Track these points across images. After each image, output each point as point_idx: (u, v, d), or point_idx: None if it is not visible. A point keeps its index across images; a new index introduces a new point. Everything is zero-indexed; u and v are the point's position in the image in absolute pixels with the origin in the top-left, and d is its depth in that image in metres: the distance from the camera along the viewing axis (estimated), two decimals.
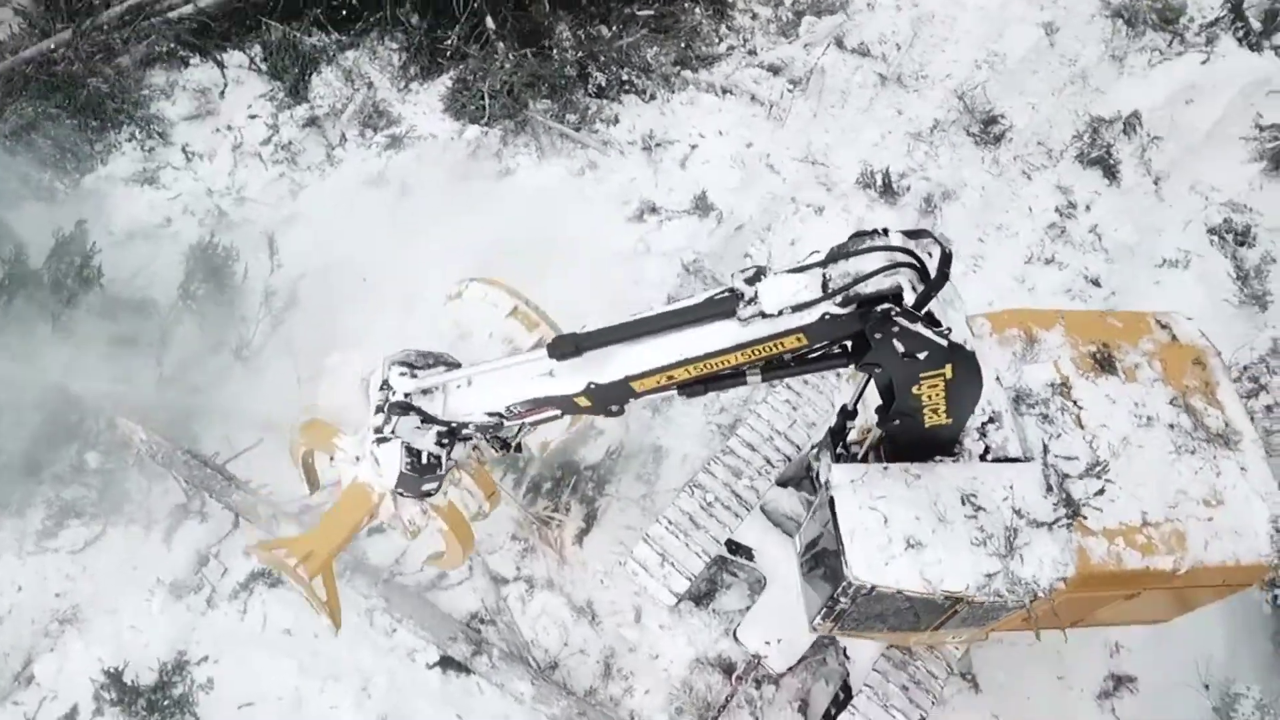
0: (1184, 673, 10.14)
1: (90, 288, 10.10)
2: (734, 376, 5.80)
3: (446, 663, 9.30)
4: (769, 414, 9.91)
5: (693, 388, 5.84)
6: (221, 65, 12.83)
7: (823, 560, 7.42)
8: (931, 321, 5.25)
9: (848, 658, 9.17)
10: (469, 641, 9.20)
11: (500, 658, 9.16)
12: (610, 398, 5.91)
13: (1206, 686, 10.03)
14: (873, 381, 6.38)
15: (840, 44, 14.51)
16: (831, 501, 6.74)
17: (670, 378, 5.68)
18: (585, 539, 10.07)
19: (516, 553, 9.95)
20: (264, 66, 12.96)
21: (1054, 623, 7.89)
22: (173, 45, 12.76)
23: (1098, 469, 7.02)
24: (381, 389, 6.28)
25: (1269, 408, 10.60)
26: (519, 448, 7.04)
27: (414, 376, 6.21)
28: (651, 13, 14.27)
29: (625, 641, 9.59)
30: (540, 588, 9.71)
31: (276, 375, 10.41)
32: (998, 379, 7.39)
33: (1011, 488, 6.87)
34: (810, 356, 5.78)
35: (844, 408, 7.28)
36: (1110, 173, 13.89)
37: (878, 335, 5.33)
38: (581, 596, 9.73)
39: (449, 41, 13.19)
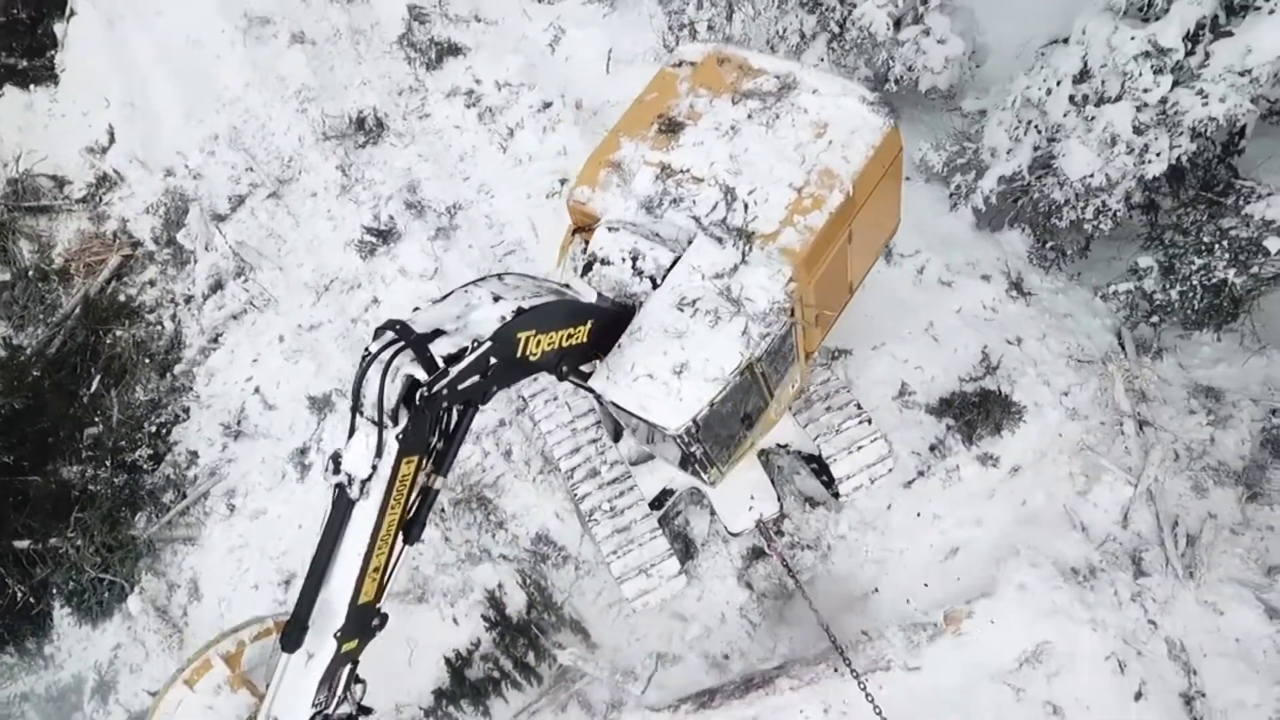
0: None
1: None
2: (424, 502, 6.46)
3: None
4: (550, 422, 10.29)
5: (410, 537, 6.46)
6: None
7: (658, 443, 8.06)
8: (455, 359, 5.98)
9: (785, 447, 9.99)
10: None
11: None
12: (360, 627, 6.46)
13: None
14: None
15: (220, 218, 14.39)
16: (613, 403, 7.27)
17: (376, 570, 6.28)
18: (589, 641, 10.11)
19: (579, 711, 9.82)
20: None
21: (840, 302, 8.91)
22: None
23: (727, 196, 7.82)
24: None
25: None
26: (366, 709, 7.40)
27: None
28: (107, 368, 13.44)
29: (700, 637, 9.90)
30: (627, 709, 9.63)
31: None
32: (608, 228, 7.99)
33: (697, 266, 7.56)
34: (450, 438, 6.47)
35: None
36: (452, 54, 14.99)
37: (444, 405, 6.08)
38: (645, 661, 9.82)
39: (22, 596, 11.81)
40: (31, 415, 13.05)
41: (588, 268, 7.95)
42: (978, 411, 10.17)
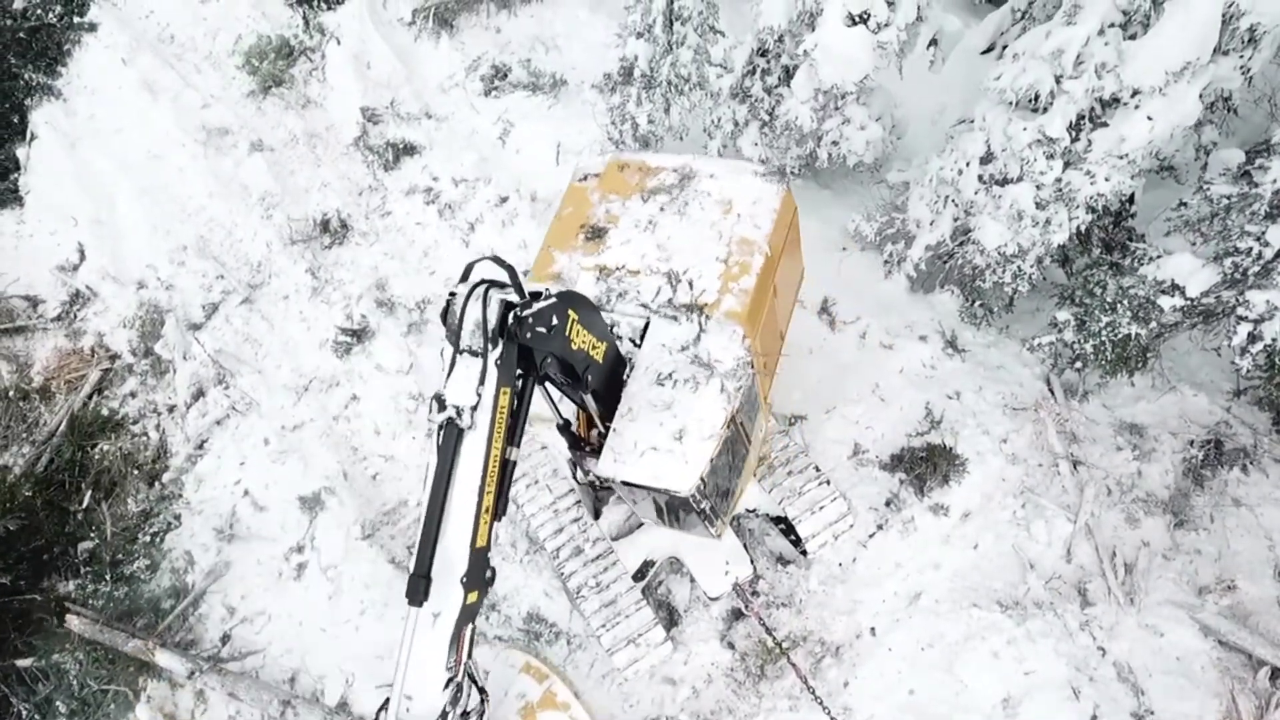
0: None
1: None
2: (504, 474, 6.86)
3: None
4: (533, 505, 10.99)
5: (497, 513, 6.86)
6: None
7: (671, 510, 8.87)
8: (536, 296, 6.69)
9: (755, 511, 10.76)
10: None
11: None
12: (478, 573, 6.76)
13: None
14: (554, 390, 8.10)
15: (196, 326, 14.96)
16: (625, 483, 8.10)
17: (487, 511, 6.68)
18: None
19: None
20: None
21: (777, 349, 9.79)
22: None
23: (671, 280, 8.81)
24: None
25: None
26: (483, 690, 7.78)
27: None
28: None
29: (690, 698, 10.52)
30: None
31: None
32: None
33: (664, 344, 8.51)
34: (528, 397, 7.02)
35: (558, 425, 8.64)
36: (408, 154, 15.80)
37: (528, 335, 6.62)
38: None
39: (28, 714, 12.14)
40: (25, 535, 13.43)
41: None
42: (926, 465, 11.02)
